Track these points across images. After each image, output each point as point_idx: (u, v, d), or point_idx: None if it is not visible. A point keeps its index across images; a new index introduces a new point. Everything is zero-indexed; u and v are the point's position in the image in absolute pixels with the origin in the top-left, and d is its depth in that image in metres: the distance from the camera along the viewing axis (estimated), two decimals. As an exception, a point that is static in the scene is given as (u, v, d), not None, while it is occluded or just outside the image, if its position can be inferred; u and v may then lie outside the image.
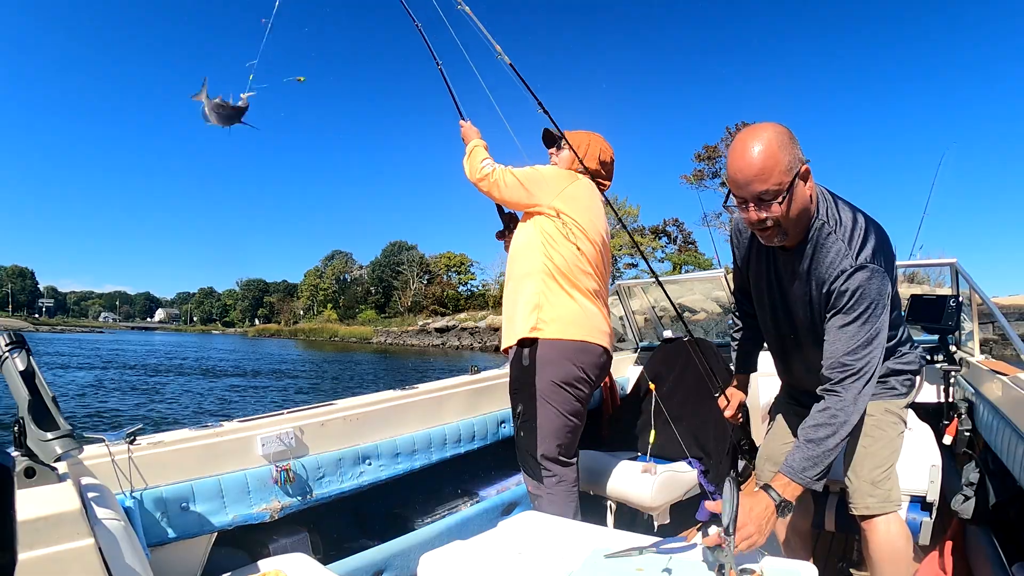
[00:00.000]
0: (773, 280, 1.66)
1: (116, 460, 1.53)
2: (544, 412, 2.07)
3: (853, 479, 1.65)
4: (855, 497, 1.63)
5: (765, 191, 1.38)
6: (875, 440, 1.64)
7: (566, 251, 2.14)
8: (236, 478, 1.76)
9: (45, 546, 0.90)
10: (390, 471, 2.17)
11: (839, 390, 1.45)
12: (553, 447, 2.08)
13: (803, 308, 1.60)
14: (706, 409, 2.72)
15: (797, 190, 1.41)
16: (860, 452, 1.64)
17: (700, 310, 20.77)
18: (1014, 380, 2.06)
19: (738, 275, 1.88)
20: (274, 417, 1.95)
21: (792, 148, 1.40)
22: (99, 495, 1.22)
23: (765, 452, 1.95)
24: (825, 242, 1.49)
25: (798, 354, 1.74)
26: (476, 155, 2.28)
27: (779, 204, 1.40)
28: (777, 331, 1.75)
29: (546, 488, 2.08)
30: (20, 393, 1.14)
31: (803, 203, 1.45)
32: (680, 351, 2.96)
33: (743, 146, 1.40)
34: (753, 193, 1.40)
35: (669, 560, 1.23)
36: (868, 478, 1.62)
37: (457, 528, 2.25)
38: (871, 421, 1.65)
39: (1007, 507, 2.06)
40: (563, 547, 1.34)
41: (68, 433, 1.13)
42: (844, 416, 1.43)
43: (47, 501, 0.95)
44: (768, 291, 1.69)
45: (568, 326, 2.10)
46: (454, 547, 1.39)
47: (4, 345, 1.19)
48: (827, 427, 1.43)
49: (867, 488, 1.62)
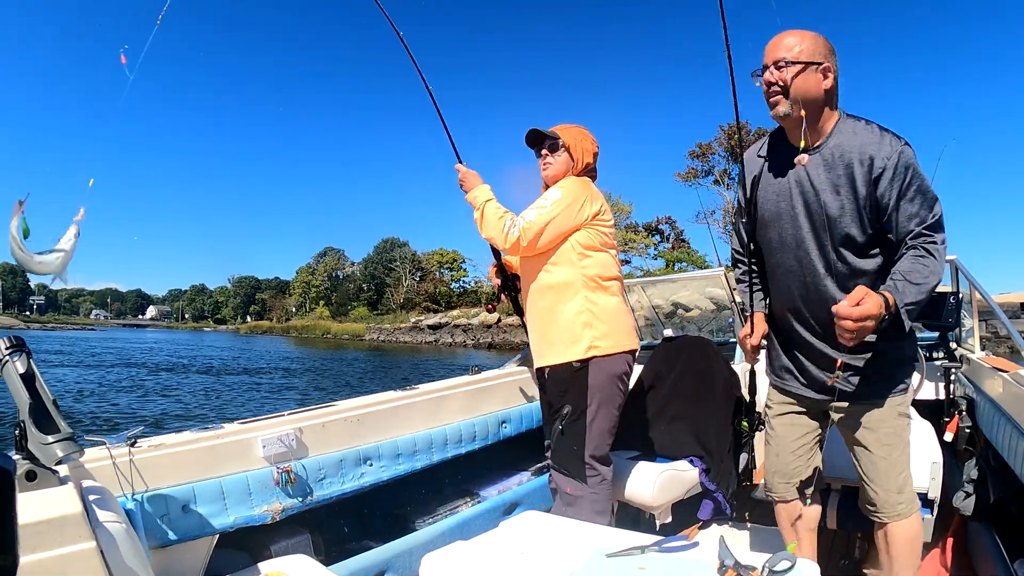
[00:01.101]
0: (794, 184, 1.63)
1: (117, 463, 1.53)
2: (598, 411, 2.05)
3: (879, 491, 1.66)
4: (884, 508, 1.66)
5: (782, 58, 1.54)
6: (893, 448, 1.66)
7: (602, 258, 2.12)
8: (237, 480, 1.76)
9: (47, 549, 0.90)
10: (391, 472, 2.17)
11: (927, 251, 1.48)
12: (604, 446, 2.07)
13: (834, 199, 1.56)
14: (707, 407, 2.72)
15: (812, 73, 1.54)
16: (882, 464, 1.65)
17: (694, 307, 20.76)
18: (1015, 377, 2.07)
19: (746, 208, 1.81)
20: (275, 419, 1.95)
21: (823, 47, 1.55)
22: (100, 498, 1.22)
23: (775, 466, 1.88)
24: (857, 129, 1.56)
25: (814, 268, 1.63)
26: (490, 214, 2.09)
27: (792, 74, 1.53)
28: (796, 245, 1.65)
29: (589, 488, 2.05)
30: (21, 396, 1.14)
31: (817, 90, 1.54)
32: (681, 350, 2.96)
33: (785, 30, 1.59)
34: (773, 58, 1.56)
35: (671, 559, 1.23)
36: (894, 487, 1.65)
37: (459, 528, 2.25)
38: (887, 429, 1.65)
39: (1008, 503, 2.06)
40: (565, 547, 1.34)
41: (69, 436, 1.12)
42: (937, 273, 1.47)
43: (48, 504, 0.95)
44: (790, 199, 1.64)
45: (622, 337, 2.10)
46: (456, 547, 1.39)
47: (4, 348, 1.19)
48: (923, 274, 1.45)
49: (895, 498, 1.65)
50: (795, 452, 1.83)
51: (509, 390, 2.75)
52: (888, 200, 1.50)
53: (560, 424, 2.07)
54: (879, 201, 1.51)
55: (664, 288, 19.23)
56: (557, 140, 2.23)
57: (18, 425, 1.12)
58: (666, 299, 18.87)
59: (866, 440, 1.68)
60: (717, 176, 36.84)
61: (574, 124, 2.28)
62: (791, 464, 1.83)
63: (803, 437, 1.82)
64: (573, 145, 2.22)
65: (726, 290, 3.56)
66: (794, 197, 1.63)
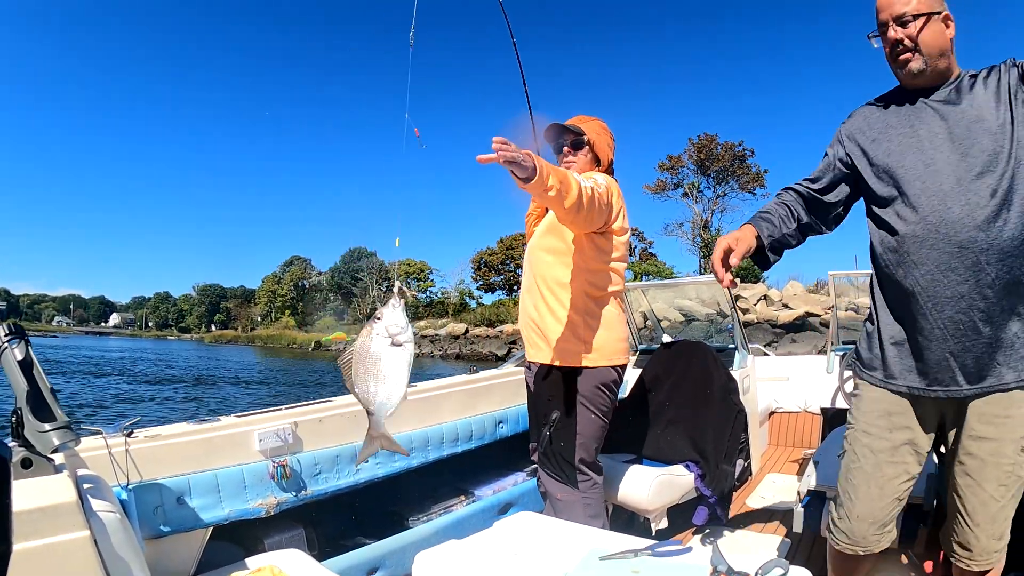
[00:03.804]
0: (930, 127, 1.43)
1: (113, 452, 1.53)
2: (585, 417, 2.00)
3: (980, 536, 1.42)
4: (980, 555, 1.43)
5: (903, 12, 1.41)
6: (1009, 488, 1.40)
7: (615, 268, 2.04)
8: (232, 473, 1.76)
9: (40, 537, 0.90)
10: (387, 469, 2.17)
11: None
12: (592, 451, 2.02)
13: (992, 114, 1.37)
14: (704, 413, 2.72)
15: (937, 23, 1.42)
16: (993, 506, 1.40)
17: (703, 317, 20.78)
18: None
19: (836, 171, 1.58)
20: (271, 413, 1.95)
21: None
22: (95, 487, 1.22)
23: (867, 512, 1.50)
24: (979, 74, 1.43)
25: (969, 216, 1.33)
26: (569, 175, 1.71)
27: (918, 27, 1.41)
28: (940, 198, 1.37)
29: (581, 493, 2.01)
30: (18, 384, 1.14)
31: (943, 40, 1.43)
32: (679, 355, 2.96)
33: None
34: (892, 14, 1.43)
35: (664, 563, 1.23)
36: (998, 533, 1.42)
37: (453, 527, 2.25)
38: (1010, 465, 1.38)
39: None
40: (559, 548, 1.34)
41: (66, 424, 1.13)
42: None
43: (43, 492, 0.95)
44: (928, 144, 1.41)
45: (614, 353, 2.03)
46: (449, 546, 1.39)
47: (3, 335, 1.19)
48: None
49: (994, 544, 1.43)
50: (900, 497, 1.49)
51: (506, 390, 2.75)
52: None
53: (548, 430, 2.02)
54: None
55: (668, 293, 19.27)
56: (582, 136, 2.06)
57: (15, 412, 1.12)
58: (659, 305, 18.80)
59: (980, 474, 1.41)
60: (686, 189, 37.10)
61: (592, 116, 2.13)
62: (890, 511, 1.49)
63: (914, 461, 1.49)
64: (596, 142, 2.07)
65: (726, 296, 3.56)
66: (934, 141, 1.43)
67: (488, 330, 31.67)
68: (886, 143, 1.48)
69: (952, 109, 1.41)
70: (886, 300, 1.51)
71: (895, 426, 1.48)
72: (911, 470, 1.49)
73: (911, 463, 1.48)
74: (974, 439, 1.41)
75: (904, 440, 1.48)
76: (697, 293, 18.82)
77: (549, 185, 1.59)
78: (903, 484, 1.49)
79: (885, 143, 1.49)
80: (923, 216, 1.39)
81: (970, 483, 1.42)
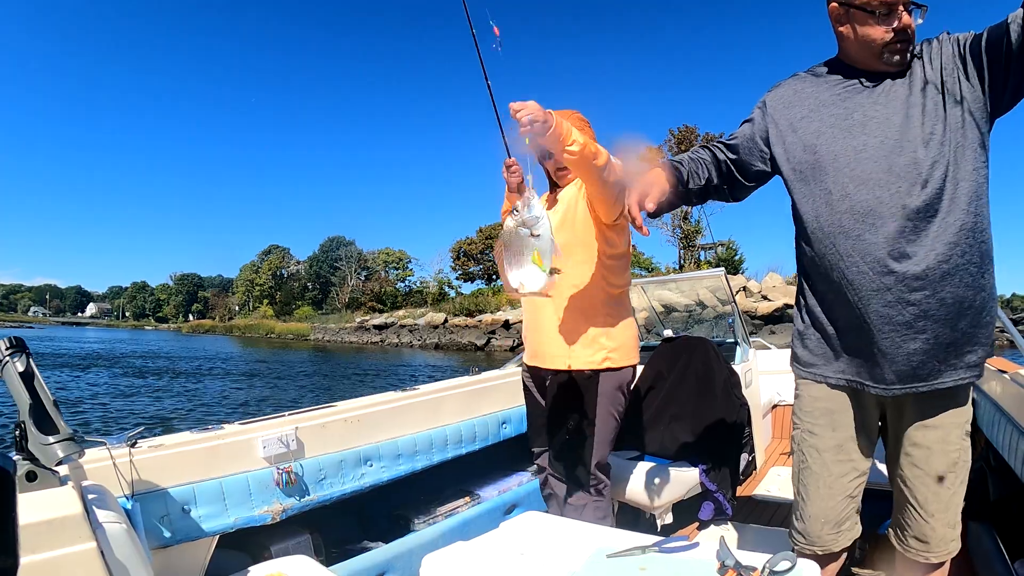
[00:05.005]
0: (866, 111, 1.35)
1: (117, 463, 1.53)
2: (604, 420, 1.97)
3: (936, 526, 1.38)
4: (938, 546, 1.40)
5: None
6: (958, 475, 1.38)
7: (624, 262, 2.02)
8: (237, 480, 1.76)
9: (47, 550, 0.90)
10: (391, 472, 2.17)
11: None
12: (606, 453, 2.00)
13: (925, 98, 1.29)
14: (707, 408, 2.72)
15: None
16: (944, 494, 1.37)
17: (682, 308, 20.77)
18: (1015, 377, 2.07)
19: (751, 142, 1.51)
20: (274, 419, 1.95)
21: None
22: (100, 498, 1.22)
23: (819, 512, 1.46)
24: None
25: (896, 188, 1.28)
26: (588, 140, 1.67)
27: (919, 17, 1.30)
28: (869, 178, 1.31)
29: (592, 497, 1.99)
30: (21, 397, 1.14)
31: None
32: (681, 350, 2.96)
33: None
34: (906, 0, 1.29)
35: (671, 559, 1.23)
36: (952, 521, 1.39)
37: (459, 529, 2.25)
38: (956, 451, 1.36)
39: (1009, 503, 2.06)
40: (565, 547, 1.34)
41: (69, 436, 1.12)
42: None
43: (49, 505, 0.95)
44: (860, 130, 1.34)
45: (631, 352, 2.01)
46: (456, 548, 1.39)
47: (4, 349, 1.19)
48: None
49: (949, 533, 1.39)
50: (853, 495, 1.46)
51: (509, 391, 2.75)
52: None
53: (566, 434, 1.98)
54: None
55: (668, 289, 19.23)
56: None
57: (18, 425, 1.12)
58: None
59: (928, 463, 1.37)
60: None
61: (569, 109, 2.01)
62: (843, 510, 1.45)
63: (860, 457, 1.46)
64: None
65: (726, 290, 3.56)
66: (868, 127, 1.38)
67: (467, 320, 31.35)
68: (816, 122, 1.39)
69: (891, 92, 1.33)
70: (815, 293, 1.46)
71: (837, 424, 1.45)
72: (859, 467, 1.45)
73: (858, 460, 1.45)
74: (919, 428, 1.38)
75: (848, 436, 1.45)
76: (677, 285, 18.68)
77: (572, 139, 1.59)
78: (852, 482, 1.45)
79: (816, 122, 1.39)
80: (850, 205, 1.32)
81: (919, 473, 1.39)
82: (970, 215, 1.27)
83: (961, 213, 1.26)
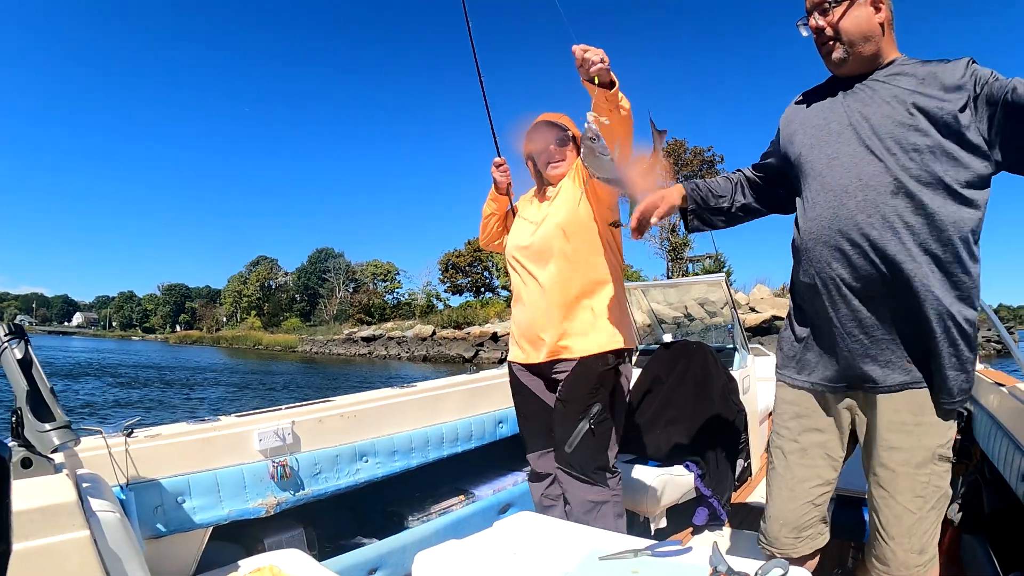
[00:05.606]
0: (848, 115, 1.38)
1: (113, 452, 1.53)
2: (620, 405, 1.96)
3: (896, 549, 1.35)
4: (898, 570, 1.36)
5: (823, 0, 1.37)
6: (927, 500, 1.34)
7: (620, 251, 2.06)
8: (232, 473, 1.76)
9: (40, 537, 0.90)
10: (387, 469, 2.17)
11: None
12: (617, 448, 1.99)
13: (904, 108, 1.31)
14: (704, 413, 2.72)
15: (860, 8, 1.35)
16: (907, 519, 1.34)
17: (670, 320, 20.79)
18: (1012, 391, 2.07)
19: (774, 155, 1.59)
20: (271, 412, 1.95)
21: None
22: (95, 487, 1.22)
23: (778, 513, 1.48)
24: (915, 64, 1.35)
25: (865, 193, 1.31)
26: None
27: (838, 15, 1.36)
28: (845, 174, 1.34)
29: (611, 491, 1.93)
30: (18, 383, 1.14)
31: (869, 24, 1.36)
32: (679, 355, 2.96)
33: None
34: (815, 1, 1.38)
35: (664, 563, 1.23)
36: (916, 547, 1.35)
37: (453, 527, 2.25)
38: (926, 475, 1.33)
39: (1003, 516, 2.06)
40: (558, 548, 1.34)
41: (66, 424, 1.13)
42: None
43: (43, 492, 0.95)
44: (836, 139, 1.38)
45: (631, 334, 2.02)
46: (449, 546, 1.39)
47: (3, 335, 1.19)
48: None
49: (913, 559, 1.36)
50: (817, 500, 1.46)
51: (506, 390, 2.74)
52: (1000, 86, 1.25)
53: (590, 424, 1.87)
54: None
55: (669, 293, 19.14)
56: (567, 132, 1.99)
57: (15, 412, 1.12)
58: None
59: (892, 485, 1.35)
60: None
61: (558, 112, 2.05)
62: (803, 514, 1.45)
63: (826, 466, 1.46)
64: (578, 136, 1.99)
65: (726, 295, 3.56)
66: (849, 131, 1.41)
67: (455, 332, 31.30)
68: (801, 135, 1.46)
69: (867, 100, 1.36)
70: (794, 297, 1.51)
71: (804, 428, 1.46)
72: (823, 475, 1.45)
73: (822, 467, 1.45)
74: (885, 449, 1.36)
75: (814, 443, 1.45)
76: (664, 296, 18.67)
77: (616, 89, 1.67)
78: (815, 488, 1.45)
79: (800, 135, 1.46)
80: (819, 212, 1.36)
81: (883, 495, 1.37)
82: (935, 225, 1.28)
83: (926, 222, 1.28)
